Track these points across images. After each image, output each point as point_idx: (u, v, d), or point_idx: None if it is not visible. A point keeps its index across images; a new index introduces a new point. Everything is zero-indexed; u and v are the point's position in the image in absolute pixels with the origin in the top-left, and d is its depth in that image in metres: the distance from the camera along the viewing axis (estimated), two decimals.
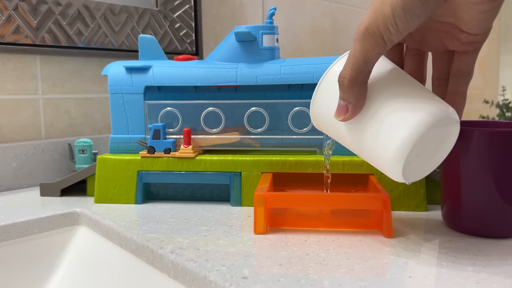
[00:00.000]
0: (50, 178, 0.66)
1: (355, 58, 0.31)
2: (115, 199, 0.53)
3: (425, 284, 0.31)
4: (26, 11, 0.63)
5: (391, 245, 0.38)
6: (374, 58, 0.31)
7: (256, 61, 0.52)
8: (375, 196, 0.40)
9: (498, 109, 1.38)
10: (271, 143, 0.53)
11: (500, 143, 0.37)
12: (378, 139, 0.33)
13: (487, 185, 0.38)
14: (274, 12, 0.52)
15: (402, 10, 0.29)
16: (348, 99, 0.33)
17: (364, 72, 0.32)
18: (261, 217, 0.41)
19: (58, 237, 0.49)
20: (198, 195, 0.54)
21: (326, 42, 1.10)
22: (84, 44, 0.69)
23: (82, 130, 0.72)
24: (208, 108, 0.53)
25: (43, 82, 0.68)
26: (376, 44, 0.30)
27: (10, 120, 0.65)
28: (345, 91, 0.32)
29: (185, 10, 0.79)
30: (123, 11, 0.72)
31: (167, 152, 0.52)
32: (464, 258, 0.35)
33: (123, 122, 0.54)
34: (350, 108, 0.33)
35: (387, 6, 0.29)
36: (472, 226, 0.40)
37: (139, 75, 0.53)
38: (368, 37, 0.30)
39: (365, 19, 0.31)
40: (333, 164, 0.49)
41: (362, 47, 0.31)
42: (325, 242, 0.39)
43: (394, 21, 0.29)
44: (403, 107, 0.32)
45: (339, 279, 0.31)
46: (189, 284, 0.34)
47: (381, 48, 0.31)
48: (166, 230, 0.42)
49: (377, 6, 0.30)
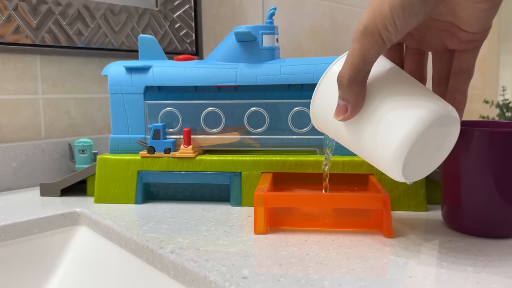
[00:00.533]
0: (50, 178, 0.66)
1: (354, 57, 0.31)
2: (115, 199, 0.53)
3: (425, 284, 0.31)
4: (26, 11, 0.63)
5: (391, 245, 0.38)
6: (373, 57, 0.31)
7: (256, 61, 0.52)
8: (375, 196, 0.40)
9: (498, 109, 1.38)
10: (271, 143, 0.53)
11: (500, 143, 0.37)
12: (377, 138, 0.32)
13: (487, 185, 0.38)
14: (274, 12, 0.52)
15: (401, 8, 0.29)
16: (347, 98, 0.32)
17: (363, 72, 0.32)
18: (261, 217, 0.41)
19: (58, 237, 0.49)
20: (198, 195, 0.54)
21: (326, 42, 1.10)
22: (84, 44, 0.69)
23: (82, 130, 0.72)
24: (208, 108, 0.53)
25: (43, 82, 0.68)
26: (375, 43, 0.30)
27: (10, 120, 0.65)
28: (344, 91, 0.32)
29: (185, 10, 0.79)
30: (123, 11, 0.72)
31: (167, 152, 0.52)
32: (464, 258, 0.35)
33: (123, 122, 0.54)
34: (349, 108, 0.33)
35: (385, 5, 0.29)
36: (472, 226, 0.40)
37: (139, 75, 0.53)
38: (367, 36, 0.30)
39: (364, 18, 0.31)
40: (333, 164, 0.49)
41: (361, 46, 0.31)
42: (325, 242, 0.39)
43: (392, 20, 0.29)
44: (402, 105, 0.32)
45: (339, 279, 0.31)
46: (189, 284, 0.34)
47: (380, 47, 0.31)
48: (166, 230, 0.42)
49: (376, 5, 0.30)
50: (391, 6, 0.29)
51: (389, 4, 0.29)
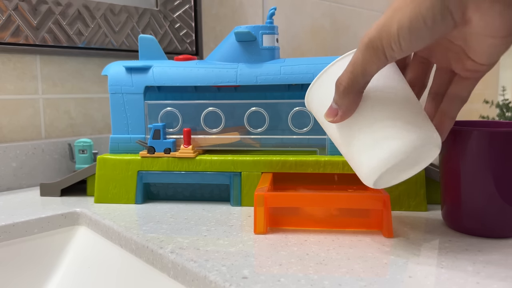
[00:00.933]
0: (50, 178, 0.66)
1: (355, 67, 0.31)
2: (115, 199, 0.53)
3: (425, 284, 0.31)
4: (26, 11, 0.63)
5: (391, 245, 0.38)
6: (373, 71, 0.31)
7: (256, 61, 0.52)
8: (375, 196, 0.40)
9: (498, 109, 1.38)
10: (271, 143, 0.53)
11: (500, 143, 0.37)
12: (357, 149, 0.34)
13: (487, 185, 0.38)
14: (274, 12, 0.52)
15: (408, 31, 0.29)
16: (340, 104, 0.33)
17: (360, 83, 0.32)
18: (261, 217, 0.41)
19: (58, 237, 0.49)
20: (198, 195, 0.54)
21: (326, 42, 1.10)
22: (84, 44, 0.69)
23: (82, 130, 0.72)
24: (208, 108, 0.53)
25: (43, 82, 0.68)
26: (377, 59, 0.30)
27: (10, 120, 0.65)
28: (339, 96, 0.33)
29: (185, 10, 0.79)
30: (123, 11, 0.72)
31: (167, 152, 0.52)
32: (464, 258, 0.35)
33: (123, 122, 0.54)
34: (339, 113, 0.33)
35: (394, 24, 0.29)
36: (472, 226, 0.40)
37: (139, 75, 0.53)
38: (370, 50, 0.30)
39: (371, 30, 0.30)
40: (333, 164, 0.49)
41: (364, 58, 0.31)
42: (325, 242, 0.39)
43: (398, 40, 0.29)
44: (389, 128, 0.33)
45: (339, 279, 0.31)
46: (189, 284, 0.34)
47: (382, 63, 0.31)
48: (166, 230, 0.42)
49: (385, 20, 0.29)
50: (399, 26, 0.29)
51: (397, 24, 0.29)
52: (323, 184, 0.50)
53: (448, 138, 0.40)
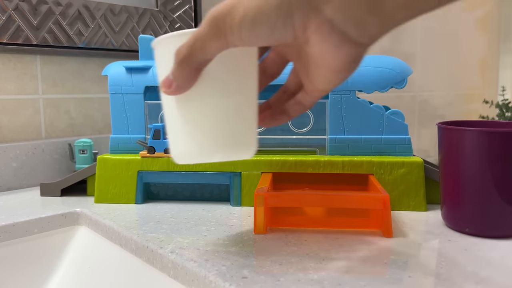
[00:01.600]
0: (50, 178, 0.66)
1: (195, 40, 0.28)
2: (115, 199, 0.53)
3: (425, 284, 0.31)
4: (26, 11, 0.63)
5: (391, 245, 0.38)
6: (212, 50, 0.28)
7: None
8: (375, 196, 0.40)
9: (498, 109, 1.38)
10: (271, 143, 0.53)
11: (500, 143, 0.37)
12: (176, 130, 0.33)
13: (487, 185, 0.38)
14: None
15: (251, 24, 0.26)
16: (175, 76, 0.30)
17: (198, 59, 0.29)
18: (261, 217, 0.41)
19: (58, 237, 0.49)
20: (198, 195, 0.54)
21: None
22: (84, 44, 0.69)
23: (82, 130, 0.72)
24: None
25: (43, 82, 0.68)
26: (218, 39, 0.28)
27: (10, 120, 0.65)
28: (175, 67, 0.30)
29: (185, 10, 0.79)
30: (123, 11, 0.72)
31: (167, 152, 0.52)
32: (463, 258, 0.35)
33: (123, 122, 0.54)
34: (173, 86, 0.30)
35: (240, 10, 0.26)
36: (472, 226, 0.40)
37: (139, 75, 0.53)
38: (214, 28, 0.27)
39: (221, 6, 0.27)
40: (333, 164, 0.49)
41: (206, 34, 0.28)
42: (325, 242, 0.39)
43: (240, 29, 0.26)
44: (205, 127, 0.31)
45: (339, 279, 0.31)
46: (189, 284, 0.34)
47: (223, 45, 0.28)
48: (166, 230, 0.42)
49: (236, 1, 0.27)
50: (244, 15, 0.26)
51: (243, 11, 0.26)
52: (323, 184, 0.50)
53: (448, 138, 0.40)
